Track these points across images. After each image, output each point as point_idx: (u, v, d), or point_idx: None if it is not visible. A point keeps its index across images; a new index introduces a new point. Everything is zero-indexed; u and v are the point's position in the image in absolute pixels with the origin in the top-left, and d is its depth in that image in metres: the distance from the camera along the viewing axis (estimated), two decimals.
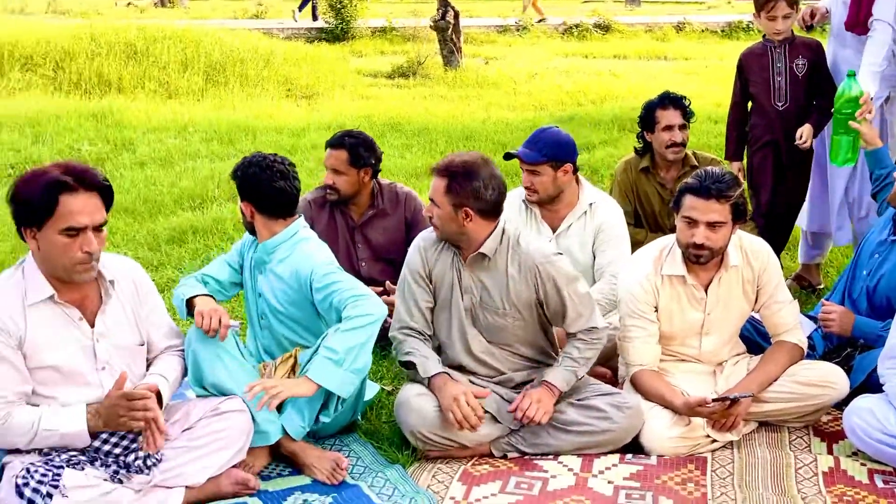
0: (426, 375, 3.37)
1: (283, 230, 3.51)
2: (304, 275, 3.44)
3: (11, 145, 8.20)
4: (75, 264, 2.87)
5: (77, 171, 2.87)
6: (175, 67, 11.33)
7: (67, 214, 2.82)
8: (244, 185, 3.49)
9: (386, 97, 11.76)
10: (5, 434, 2.86)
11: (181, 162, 7.99)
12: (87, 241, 2.85)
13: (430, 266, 3.47)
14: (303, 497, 3.15)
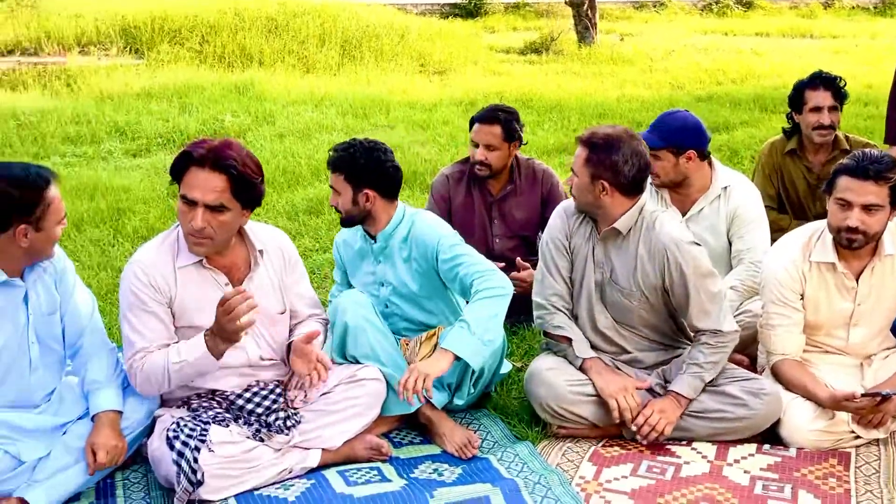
0: (581, 357, 3.36)
1: (395, 211, 3.55)
2: (431, 245, 3.47)
3: (161, 115, 8.58)
4: (188, 234, 2.99)
5: (213, 149, 2.95)
6: (313, 42, 11.58)
7: (185, 185, 2.94)
8: (368, 171, 3.41)
9: (518, 73, 11.69)
10: (148, 379, 3.00)
11: (318, 134, 8.18)
12: (194, 216, 2.94)
13: (571, 234, 3.44)
14: (433, 466, 3.20)
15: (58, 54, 10.90)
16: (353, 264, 3.69)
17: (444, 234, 3.48)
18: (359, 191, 3.43)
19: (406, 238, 3.54)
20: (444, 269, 3.45)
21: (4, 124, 8.13)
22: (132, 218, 5.80)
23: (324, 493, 2.95)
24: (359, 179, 3.41)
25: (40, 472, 2.89)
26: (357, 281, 3.68)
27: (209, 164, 2.92)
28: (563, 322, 3.44)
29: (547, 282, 3.46)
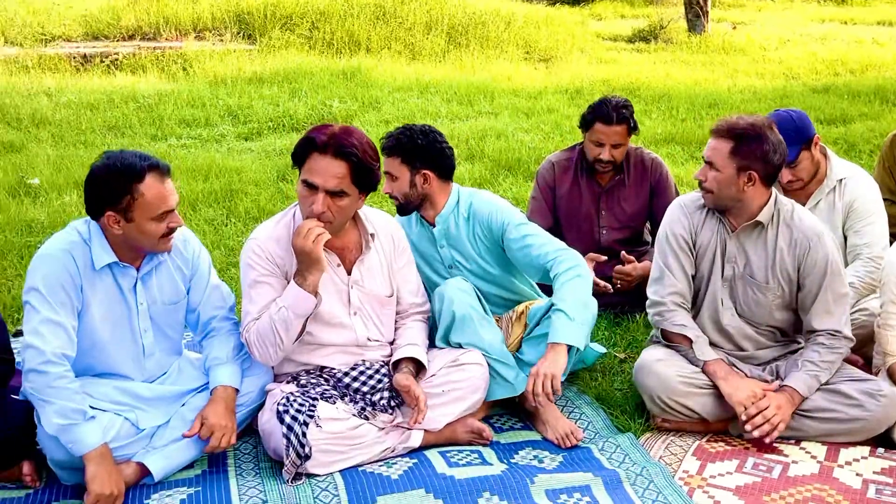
0: (703, 359, 3.29)
1: (451, 193, 3.57)
2: (497, 224, 3.50)
3: (271, 100, 8.79)
4: (307, 217, 3.06)
5: (335, 136, 3.02)
6: (419, 29, 11.65)
7: (307, 170, 3.02)
8: (425, 151, 3.44)
9: (625, 62, 11.52)
10: (263, 341, 3.08)
11: (422, 121, 8.22)
12: (314, 200, 3.01)
13: (696, 231, 3.37)
14: (534, 452, 3.21)
15: (175, 39, 11.27)
16: (414, 252, 3.61)
17: (509, 214, 3.50)
18: (416, 172, 3.46)
19: (468, 217, 3.56)
20: (514, 249, 3.46)
21: (125, 106, 8.47)
22: (244, 199, 5.97)
23: (426, 473, 3.00)
24: (416, 160, 3.45)
25: (158, 440, 3.03)
26: (422, 268, 3.64)
27: (331, 151, 2.99)
28: (685, 320, 3.36)
29: (667, 280, 3.38)
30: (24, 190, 6.03)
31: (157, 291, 3.10)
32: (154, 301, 3.10)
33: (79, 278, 2.92)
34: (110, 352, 3.04)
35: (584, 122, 4.23)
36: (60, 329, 2.86)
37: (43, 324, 2.84)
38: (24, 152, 6.99)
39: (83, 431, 2.79)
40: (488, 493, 2.89)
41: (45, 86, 9.13)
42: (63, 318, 2.87)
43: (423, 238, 3.65)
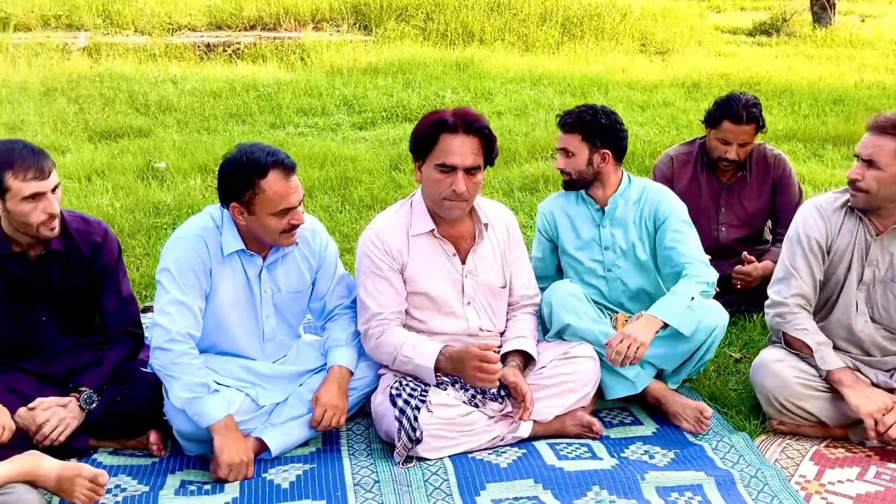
0: (826, 368, 3.16)
1: (622, 175, 3.57)
2: (663, 212, 3.49)
3: (385, 90, 8.92)
4: (445, 199, 3.10)
5: (460, 115, 3.07)
6: (534, 20, 11.61)
7: (440, 152, 3.04)
8: (609, 133, 3.46)
9: (745, 55, 11.21)
10: (376, 349, 3.19)
11: (535, 113, 8.22)
12: (454, 180, 3.05)
13: (833, 236, 3.25)
14: (644, 448, 3.18)
15: (294, 30, 11.55)
16: (568, 231, 3.65)
17: (678, 207, 3.52)
18: (595, 151, 3.47)
19: (638, 200, 3.54)
20: (663, 240, 3.45)
21: (246, 94, 8.74)
22: (358, 187, 6.08)
23: (535, 463, 3.01)
24: (597, 139, 3.45)
25: (276, 417, 3.13)
26: (572, 246, 3.64)
27: (462, 128, 3.04)
28: (808, 324, 3.25)
29: (793, 282, 3.26)
30: (151, 173, 6.31)
31: (282, 280, 3.20)
32: (278, 289, 3.19)
33: (209, 262, 3.04)
34: (233, 334, 3.16)
35: (710, 119, 4.13)
36: (187, 310, 2.99)
37: (171, 304, 2.97)
38: (152, 137, 7.30)
39: (207, 404, 2.92)
40: (597, 487, 2.88)
41: (171, 73, 9.51)
42: (190, 300, 3.00)
43: (581, 216, 3.63)
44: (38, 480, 2.62)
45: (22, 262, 3.05)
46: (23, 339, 3.11)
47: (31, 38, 10.37)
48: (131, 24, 11.27)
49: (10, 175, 2.85)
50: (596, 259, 3.60)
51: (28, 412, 2.95)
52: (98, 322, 3.23)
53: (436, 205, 3.16)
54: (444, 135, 3.05)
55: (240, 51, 10.75)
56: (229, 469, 2.89)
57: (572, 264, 3.63)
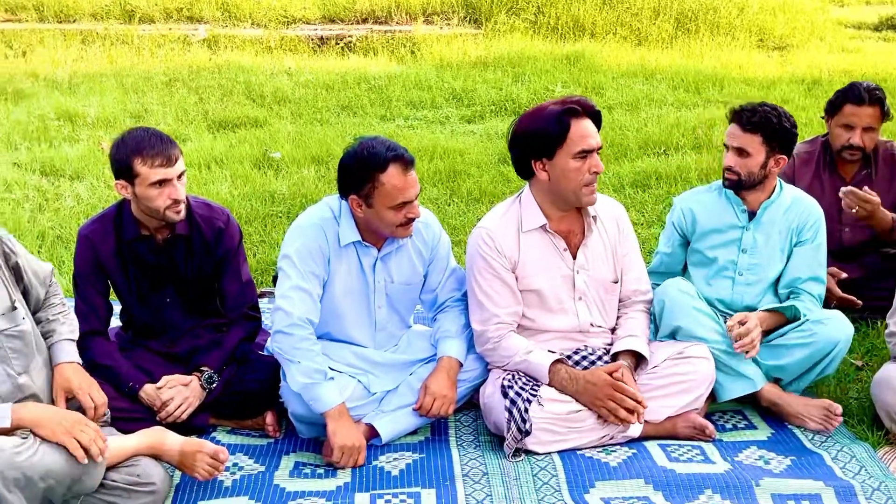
0: None
1: (775, 180, 3.47)
2: (808, 233, 3.42)
3: (494, 83, 8.92)
4: (583, 186, 3.08)
5: (574, 99, 3.08)
6: (647, 14, 11.40)
7: (578, 138, 3.02)
8: (789, 137, 3.34)
9: (870, 50, 10.78)
10: (492, 352, 3.20)
11: (647, 108, 8.09)
12: (595, 162, 3.07)
13: None
14: (759, 453, 3.10)
15: (405, 23, 11.66)
16: (708, 228, 3.51)
17: (822, 224, 3.45)
18: (772, 154, 3.35)
19: (788, 209, 3.44)
20: (797, 254, 3.40)
21: (357, 87, 8.87)
22: (466, 180, 6.11)
23: (645, 464, 2.97)
24: (777, 143, 3.34)
25: (386, 405, 3.18)
26: (709, 244, 3.50)
27: (584, 112, 3.06)
28: None
29: None
30: (267, 162, 6.48)
31: (395, 272, 3.23)
32: (391, 280, 3.23)
33: (327, 251, 3.11)
34: (347, 322, 3.22)
35: (830, 107, 4.00)
36: (307, 296, 3.06)
37: (293, 290, 3.05)
38: (267, 127, 7.50)
39: (323, 391, 2.98)
40: (710, 491, 2.82)
41: (285, 66, 9.74)
42: (310, 287, 3.07)
43: (726, 216, 3.49)
44: (162, 454, 2.73)
45: (150, 245, 3.18)
46: (150, 319, 3.26)
47: (155, 30, 10.78)
48: (248, 16, 11.58)
49: (139, 161, 2.98)
50: (730, 260, 3.48)
51: (154, 389, 3.09)
52: (219, 304, 3.34)
53: (576, 195, 3.12)
54: (574, 122, 3.03)
55: (352, 44, 10.92)
56: (341, 452, 2.95)
57: (704, 262, 3.53)
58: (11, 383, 2.65)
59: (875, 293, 3.86)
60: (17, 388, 2.67)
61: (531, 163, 3.12)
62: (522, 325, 3.24)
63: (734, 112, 3.39)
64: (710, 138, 6.93)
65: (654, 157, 6.63)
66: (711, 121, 7.40)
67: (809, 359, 3.23)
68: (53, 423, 2.50)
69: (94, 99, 8.07)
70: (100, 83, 8.67)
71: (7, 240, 2.75)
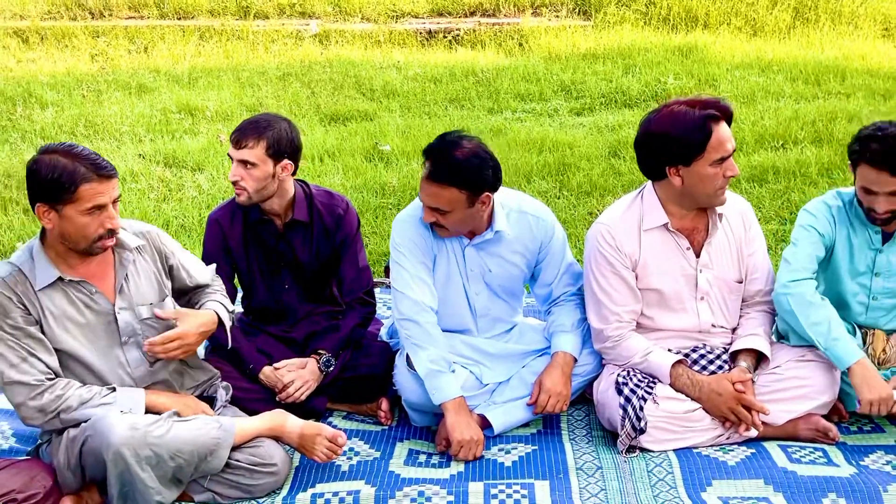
0: None
1: None
2: None
3: (605, 75, 8.80)
4: (717, 189, 3.01)
5: (710, 102, 2.97)
6: (763, 3, 11.03)
7: (718, 145, 2.93)
8: None
9: None
10: (611, 350, 3.16)
11: (763, 100, 7.84)
12: (730, 165, 2.98)
13: None
14: (887, 458, 2.98)
15: (513, 15, 11.61)
16: (842, 238, 3.27)
17: None
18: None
19: None
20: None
21: (465, 80, 8.89)
22: (576, 173, 6.05)
23: (765, 464, 2.90)
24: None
25: (498, 396, 3.19)
26: (846, 261, 3.26)
27: (726, 118, 2.97)
28: None
29: None
30: (377, 155, 6.57)
31: (490, 261, 3.22)
32: (488, 270, 3.22)
33: (430, 241, 3.16)
34: (447, 309, 3.23)
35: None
36: (426, 285, 3.11)
37: (412, 279, 3.10)
38: (377, 120, 7.60)
39: (445, 381, 3.02)
40: (834, 495, 2.73)
41: (394, 59, 9.85)
42: (426, 276, 3.11)
43: (861, 227, 3.26)
44: (283, 436, 2.81)
45: (271, 229, 3.28)
46: (269, 303, 3.37)
47: (268, 26, 11.05)
48: (358, 11, 11.74)
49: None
50: (864, 285, 3.28)
51: (273, 371, 3.19)
52: (335, 290, 3.42)
53: (709, 198, 3.05)
54: (715, 128, 2.93)
55: (459, 37, 10.95)
56: (460, 446, 2.97)
57: (851, 270, 3.30)
58: (145, 368, 2.81)
59: None
60: (149, 373, 2.84)
61: (664, 168, 3.04)
62: (641, 323, 3.19)
63: (874, 154, 3.01)
64: (830, 132, 6.67)
65: (772, 151, 6.43)
66: (833, 113, 7.12)
67: None
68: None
69: (213, 93, 8.33)
70: (217, 78, 8.95)
71: (161, 238, 2.94)
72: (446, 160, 2.99)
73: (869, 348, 3.27)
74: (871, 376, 2.97)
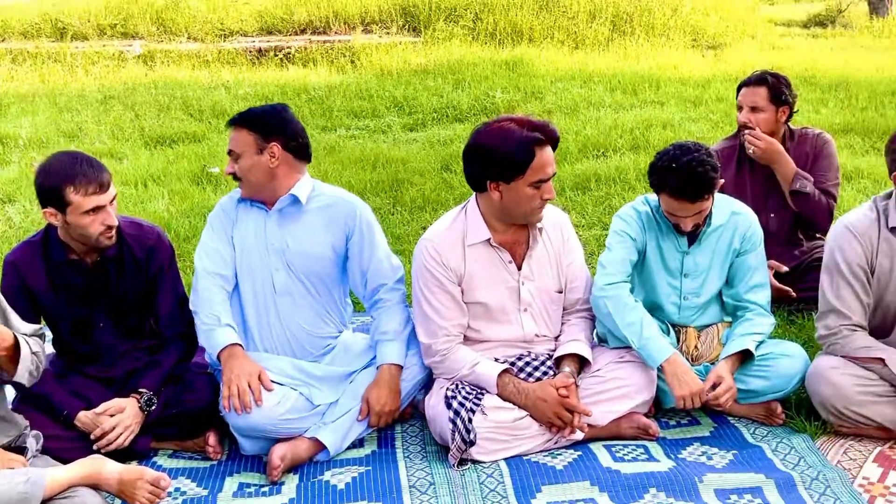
0: None
1: None
2: (755, 240, 3.46)
3: (436, 90, 8.92)
4: (534, 209, 3.10)
5: (540, 125, 3.05)
6: (583, 17, 11.51)
7: (539, 168, 3.01)
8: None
9: (799, 48, 11.02)
10: (440, 365, 3.19)
11: (585, 111, 8.15)
12: (548, 189, 3.07)
13: (871, 256, 3.14)
14: (702, 449, 3.14)
15: (344, 32, 11.62)
16: (652, 242, 3.47)
17: (757, 222, 3.47)
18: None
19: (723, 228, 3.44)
20: (740, 265, 3.41)
21: (297, 98, 8.81)
22: (409, 188, 6.09)
23: (590, 465, 2.99)
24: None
25: (329, 416, 3.16)
26: (657, 264, 3.46)
27: (551, 142, 3.06)
28: (867, 342, 3.15)
29: (840, 314, 3.16)
30: (206, 178, 6.40)
31: (289, 237, 3.23)
32: (284, 245, 3.23)
33: (234, 213, 3.32)
34: (251, 277, 3.27)
35: (737, 93, 4.19)
36: (217, 253, 3.28)
37: (205, 250, 3.31)
38: (205, 142, 7.41)
39: (220, 333, 3.13)
40: (655, 490, 2.85)
41: (223, 79, 9.64)
42: (221, 246, 3.29)
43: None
44: (101, 483, 2.67)
45: (79, 268, 3.12)
46: (84, 344, 3.20)
47: (88, 48, 10.59)
48: (184, 30, 11.44)
49: (72, 190, 2.92)
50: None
51: (91, 415, 3.03)
52: (153, 325, 3.29)
53: (524, 217, 3.15)
54: (538, 151, 3.02)
55: (291, 55, 10.85)
56: (228, 386, 3.02)
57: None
58: None
59: (809, 284, 3.93)
60: None
61: (486, 181, 3.09)
62: (468, 335, 3.24)
63: (672, 189, 3.20)
64: (647, 139, 7.01)
65: (594, 160, 6.69)
66: (649, 121, 7.49)
67: (765, 389, 3.28)
68: None
69: (27, 119, 7.90)
70: (31, 103, 8.49)
71: None
72: (246, 111, 3.25)
73: (682, 346, 3.45)
74: (682, 372, 3.13)
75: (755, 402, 3.30)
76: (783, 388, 3.26)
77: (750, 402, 3.30)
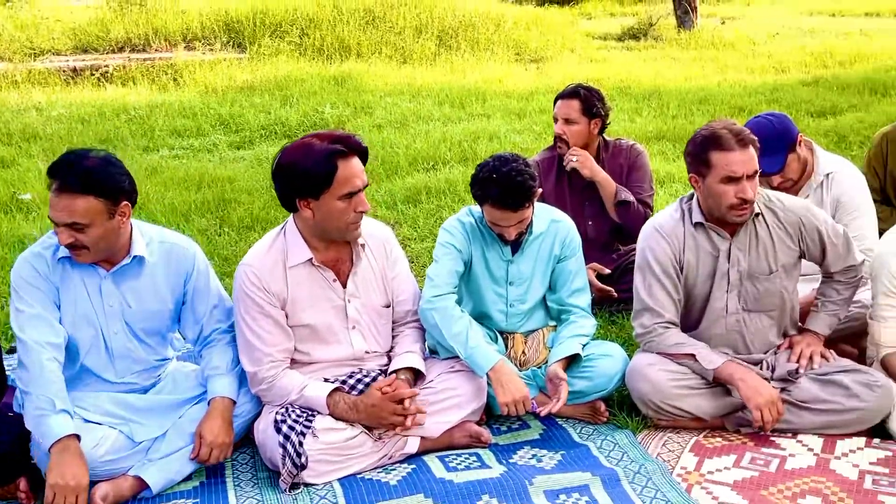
0: (713, 367, 3.20)
1: None
2: (574, 245, 3.58)
3: (263, 107, 8.80)
4: (349, 224, 3.04)
5: (342, 137, 3.01)
6: (410, 33, 11.67)
7: (345, 180, 2.97)
8: None
9: (615, 60, 11.55)
10: (268, 392, 3.11)
11: (415, 125, 8.25)
12: (360, 201, 3.01)
13: (679, 253, 3.31)
14: (532, 452, 3.21)
15: (165, 50, 11.26)
16: (477, 252, 3.57)
17: (574, 229, 3.59)
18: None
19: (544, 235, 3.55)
20: (561, 270, 3.53)
21: (116, 119, 8.47)
22: (237, 208, 5.96)
23: (424, 478, 3.00)
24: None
25: (154, 453, 3.01)
26: (483, 273, 3.56)
27: (357, 153, 3.00)
28: (679, 338, 3.31)
29: (653, 312, 3.31)
30: (16, 205, 6.02)
31: (129, 296, 3.06)
32: (125, 305, 3.06)
33: (54, 275, 2.97)
34: (81, 347, 3.04)
35: (553, 105, 4.41)
36: (44, 321, 2.93)
37: (28, 319, 2.92)
38: (16, 167, 6.98)
39: (55, 422, 2.78)
40: (487, 496, 2.89)
41: (34, 100, 9.14)
42: (46, 312, 2.95)
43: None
44: None
45: None
46: None
47: None
48: None
49: None
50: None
51: None
52: None
53: (339, 233, 3.08)
54: (341, 163, 2.95)
55: (108, 74, 10.41)
56: (53, 493, 2.70)
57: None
58: None
59: (626, 285, 4.11)
60: None
61: (295, 200, 3.04)
62: (296, 358, 3.18)
63: (495, 199, 3.29)
64: (475, 151, 7.16)
65: (424, 173, 6.77)
66: (476, 134, 7.66)
67: (589, 389, 3.39)
68: None
69: None
70: None
71: None
72: (77, 170, 2.81)
73: (511, 352, 3.53)
74: (507, 380, 3.20)
75: (580, 403, 3.41)
76: (605, 387, 3.39)
77: (575, 402, 3.40)
